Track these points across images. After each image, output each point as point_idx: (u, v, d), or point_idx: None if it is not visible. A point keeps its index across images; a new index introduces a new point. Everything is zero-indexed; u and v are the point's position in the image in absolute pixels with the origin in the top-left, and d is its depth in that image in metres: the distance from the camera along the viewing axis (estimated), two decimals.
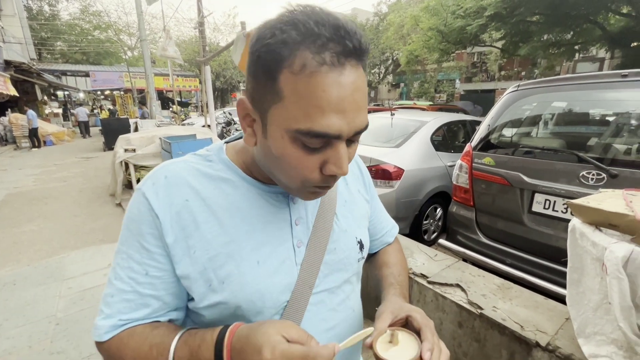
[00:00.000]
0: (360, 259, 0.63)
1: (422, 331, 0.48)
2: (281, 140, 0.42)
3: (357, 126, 0.42)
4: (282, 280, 0.51)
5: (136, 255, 0.48)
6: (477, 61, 22.53)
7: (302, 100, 0.39)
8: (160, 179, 0.50)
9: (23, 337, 2.09)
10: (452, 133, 3.80)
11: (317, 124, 0.39)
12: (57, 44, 25.77)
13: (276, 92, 0.40)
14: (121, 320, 0.48)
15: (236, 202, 0.51)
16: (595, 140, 1.79)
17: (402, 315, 0.52)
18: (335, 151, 0.42)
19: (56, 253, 3.32)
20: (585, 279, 1.15)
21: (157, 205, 0.48)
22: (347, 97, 0.39)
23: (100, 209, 4.73)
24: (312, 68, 0.38)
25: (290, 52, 0.38)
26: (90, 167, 7.72)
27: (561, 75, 2.01)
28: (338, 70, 0.38)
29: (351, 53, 0.39)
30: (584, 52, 12.66)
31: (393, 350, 0.47)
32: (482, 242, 2.15)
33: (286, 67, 0.38)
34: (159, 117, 9.65)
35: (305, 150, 0.42)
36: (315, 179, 0.44)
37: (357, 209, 0.65)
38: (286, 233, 0.53)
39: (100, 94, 24.26)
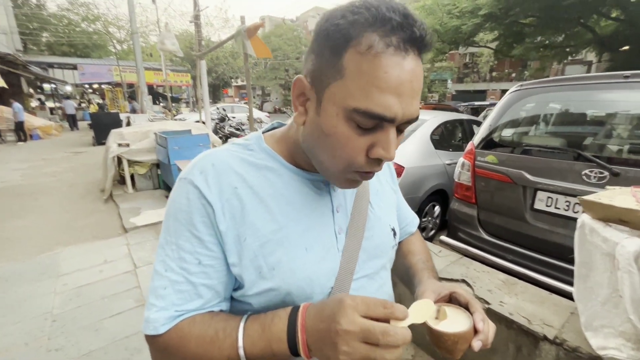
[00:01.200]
0: (394, 245, 0.64)
1: (470, 304, 0.50)
2: (335, 118, 0.43)
3: (410, 113, 0.42)
4: (327, 266, 0.52)
5: (187, 245, 0.48)
6: (469, 62, 22.81)
7: (363, 79, 0.39)
8: (207, 167, 0.49)
9: (19, 334, 2.03)
10: (450, 132, 3.84)
11: (375, 104, 0.40)
12: (43, 35, 25.02)
13: (339, 69, 0.41)
14: (177, 312, 0.47)
15: (281, 190, 0.51)
16: (597, 140, 1.84)
17: (445, 292, 0.53)
18: (386, 135, 0.43)
19: (49, 249, 3.24)
20: (593, 273, 1.18)
21: (209, 193, 0.48)
22: (406, 83, 0.40)
23: (92, 204, 4.62)
24: (378, 49, 0.39)
25: (359, 32, 0.39)
26: (80, 162, 7.54)
27: (550, 77, 2.05)
28: (401, 55, 0.39)
29: (416, 41, 0.40)
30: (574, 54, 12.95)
31: (445, 322, 0.47)
32: (483, 238, 2.18)
33: (353, 46, 0.39)
34: (151, 112, 9.48)
35: (357, 131, 0.42)
36: (360, 162, 0.44)
37: (386, 198, 0.67)
38: (328, 220, 0.54)
39: (88, 87, 23.67)
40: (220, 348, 0.44)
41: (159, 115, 8.99)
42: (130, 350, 1.92)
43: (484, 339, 0.46)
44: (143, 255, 3.09)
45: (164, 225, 0.51)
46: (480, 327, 0.46)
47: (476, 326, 0.46)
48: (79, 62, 20.93)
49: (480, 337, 0.45)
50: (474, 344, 0.45)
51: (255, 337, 0.44)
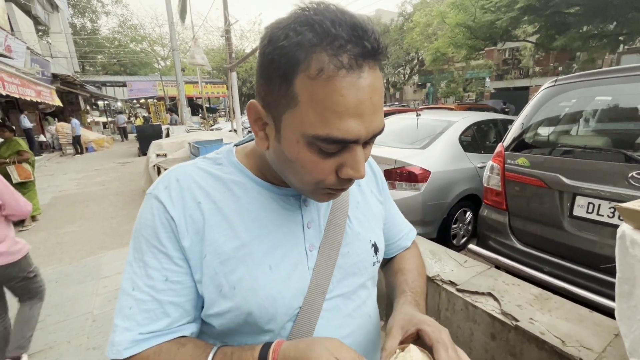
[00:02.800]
0: (375, 262, 0.60)
1: (434, 348, 0.44)
2: (296, 145, 0.41)
3: (374, 129, 0.41)
4: (294, 285, 0.49)
5: (153, 261, 0.47)
6: (509, 58, 21.54)
7: (320, 105, 0.37)
8: (172, 182, 0.49)
9: (63, 332, 2.22)
10: (482, 133, 3.63)
11: (335, 129, 0.38)
12: (98, 57, 27.66)
13: (292, 96, 0.38)
14: (141, 335, 0.45)
15: (247, 205, 0.50)
16: None
17: (412, 329, 0.48)
18: (353, 155, 0.41)
19: (94, 253, 3.52)
20: (638, 291, 1.03)
21: (172, 208, 0.47)
22: (365, 101, 0.38)
23: (135, 211, 4.96)
24: (329, 72, 0.36)
25: (306, 55, 0.36)
26: (126, 172, 8.15)
27: (604, 68, 1.85)
28: (356, 74, 0.37)
29: (369, 54, 0.38)
30: (629, 43, 11.73)
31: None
32: (516, 248, 2.01)
33: (302, 72, 0.37)
34: (189, 123, 10.05)
35: (322, 155, 0.41)
36: (330, 182, 0.43)
37: (370, 211, 0.62)
38: (298, 236, 0.52)
39: (136, 102, 25.69)
40: None
41: (196, 126, 9.50)
42: None
43: None
44: None
45: (131, 243, 0.50)
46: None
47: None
48: (128, 79, 22.83)
49: None
50: None
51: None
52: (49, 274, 3.05)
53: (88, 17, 27.58)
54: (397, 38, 23.20)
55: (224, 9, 5.65)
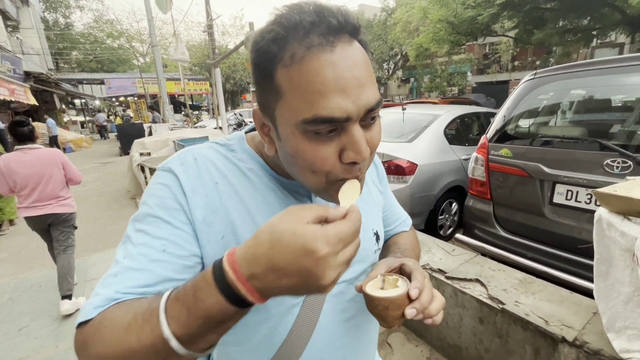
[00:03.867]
0: (377, 250, 0.62)
1: (412, 275, 0.47)
2: (293, 138, 0.41)
3: (365, 103, 0.39)
4: None
5: (154, 230, 0.43)
6: (489, 52, 22.02)
7: (300, 89, 0.38)
8: (189, 160, 0.48)
9: (50, 336, 2.16)
10: (466, 126, 3.72)
11: (321, 108, 0.37)
12: (72, 53, 26.58)
13: (276, 90, 0.39)
14: (118, 293, 0.39)
15: (262, 191, 0.51)
16: (619, 127, 1.71)
17: (395, 264, 0.51)
18: (350, 135, 0.40)
19: (78, 255, 3.41)
20: (614, 270, 1.10)
21: (187, 183, 0.46)
22: (345, 74, 0.37)
23: (119, 211, 4.85)
24: (300, 54, 0.37)
25: (279, 47, 0.38)
26: (108, 172, 7.93)
27: (579, 62, 1.93)
28: (328, 50, 0.37)
29: (338, 29, 0.38)
30: (602, 37, 12.19)
31: (383, 292, 0.46)
32: (501, 235, 2.09)
33: (278, 63, 0.38)
34: (172, 121, 9.83)
35: (319, 141, 0.40)
36: (336, 170, 0.42)
37: (372, 201, 0.64)
38: None
39: (115, 100, 24.89)
40: (141, 335, 0.34)
41: (179, 124, 9.30)
42: None
43: (418, 307, 0.42)
44: None
45: (135, 215, 0.47)
46: (414, 294, 0.43)
47: (410, 293, 0.43)
48: (106, 77, 22.05)
49: (414, 305, 0.42)
50: (407, 311, 0.42)
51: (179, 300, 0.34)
52: (33, 278, 2.96)
53: (60, 12, 26.40)
54: (381, 33, 23.30)
55: (206, 4, 5.54)
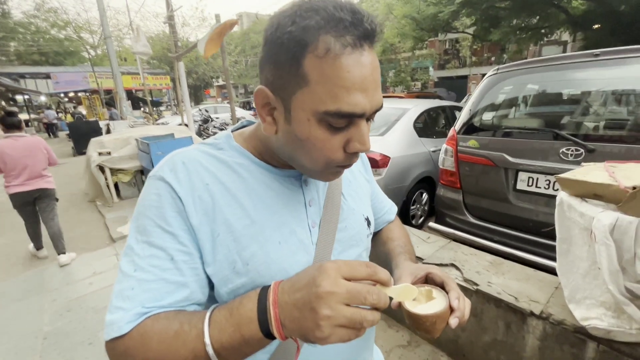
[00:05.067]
0: (369, 234, 0.66)
1: (445, 283, 0.51)
2: (307, 124, 0.43)
3: (377, 104, 0.44)
4: (302, 259, 0.53)
5: (158, 241, 0.45)
6: (449, 48, 22.99)
7: (329, 82, 0.40)
8: (178, 165, 0.49)
9: (9, 354, 1.98)
10: (433, 119, 3.88)
11: (345, 103, 0.41)
12: (11, 44, 24.01)
13: (301, 76, 0.41)
14: (145, 308, 0.43)
15: (253, 185, 0.52)
16: (572, 118, 1.88)
17: (421, 274, 0.55)
18: (358, 129, 0.44)
19: (34, 266, 3.15)
20: (573, 248, 1.22)
21: (180, 189, 0.47)
22: (368, 77, 0.42)
23: (77, 216, 4.51)
24: (336, 51, 0.39)
25: (313, 37, 0.39)
26: (62, 174, 7.31)
27: (528, 58, 2.09)
28: (359, 52, 0.41)
29: (368, 36, 0.41)
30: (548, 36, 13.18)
31: (422, 306, 0.48)
32: (470, 222, 2.22)
33: (311, 52, 0.40)
34: (131, 118, 9.26)
35: (331, 131, 0.44)
36: (339, 159, 0.46)
37: (360, 188, 0.68)
38: (302, 214, 0.55)
39: (64, 96, 22.92)
40: (185, 341, 0.39)
41: (140, 121, 8.79)
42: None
43: (460, 315, 0.47)
44: None
45: (132, 227, 0.48)
46: (456, 305, 0.48)
47: (452, 305, 0.47)
48: (52, 70, 20.18)
49: (456, 314, 0.47)
50: (451, 321, 0.47)
51: (222, 322, 0.40)
52: None
53: None
54: None
55: None
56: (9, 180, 2.95)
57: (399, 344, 1.83)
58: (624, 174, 1.08)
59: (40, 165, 3.06)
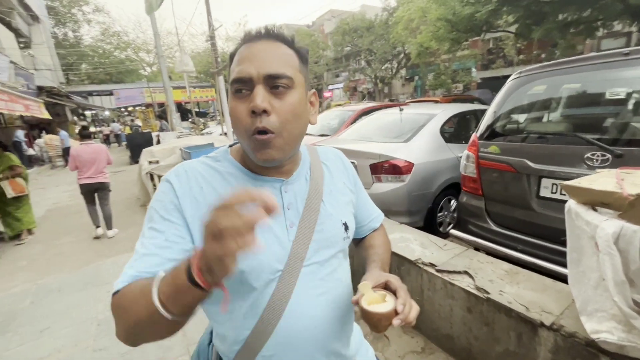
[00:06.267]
0: (346, 237, 0.73)
1: (397, 291, 0.60)
2: (230, 99, 0.61)
3: (266, 70, 0.57)
4: (278, 252, 0.62)
5: (159, 226, 0.59)
6: (494, 47, 21.82)
7: (233, 64, 0.61)
8: (181, 172, 0.64)
9: (69, 337, 2.31)
10: (463, 124, 3.78)
11: (237, 72, 0.58)
12: (82, 66, 27.31)
13: (230, 73, 0.62)
14: (139, 272, 0.54)
15: (237, 188, 0.63)
16: (598, 122, 1.78)
17: (382, 280, 0.64)
18: (254, 93, 0.57)
19: (93, 261, 3.59)
20: (584, 258, 1.18)
21: (179, 188, 0.61)
22: (256, 53, 0.58)
23: (129, 219, 5.03)
24: (240, 47, 0.61)
25: (236, 48, 0.62)
26: (119, 181, 8.15)
27: (585, 54, 2.00)
28: (251, 43, 0.60)
29: (261, 34, 0.60)
30: (608, 28, 12.00)
31: (374, 305, 0.58)
32: (492, 230, 2.16)
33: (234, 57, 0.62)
34: (179, 129, 10.07)
35: (239, 99, 0.58)
36: (247, 123, 0.57)
37: (342, 197, 0.76)
38: (279, 216, 0.65)
39: (124, 110, 25.47)
40: (144, 294, 0.47)
41: (186, 132, 9.52)
42: (164, 349, 2.12)
43: (402, 318, 0.56)
44: None
45: (146, 216, 0.62)
46: (400, 309, 0.56)
47: (397, 309, 0.56)
48: (115, 87, 22.64)
49: (400, 316, 0.56)
50: (394, 322, 0.56)
51: (167, 278, 0.46)
52: (51, 283, 3.13)
53: (69, 27, 27.20)
54: (383, 33, 23.33)
55: (207, 15, 5.72)
56: (80, 174, 4.13)
57: (413, 350, 1.84)
58: (633, 181, 1.04)
59: (102, 165, 4.24)
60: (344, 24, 25.64)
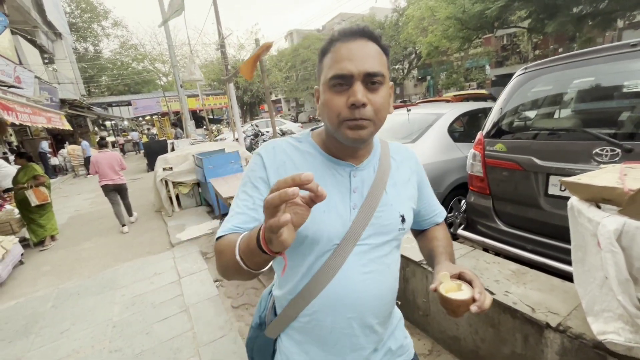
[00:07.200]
0: (401, 229, 0.77)
1: (472, 281, 0.66)
2: (323, 91, 0.67)
3: (365, 69, 0.62)
4: (338, 228, 0.70)
5: (249, 191, 0.71)
6: (507, 44, 21.33)
7: (330, 61, 0.65)
8: (269, 148, 0.74)
9: (87, 338, 2.40)
10: (471, 123, 3.71)
11: (337, 69, 0.63)
12: (102, 78, 28.42)
13: (322, 67, 0.68)
14: (234, 226, 0.67)
15: (315, 167, 0.72)
16: (606, 116, 1.72)
17: (456, 271, 0.69)
18: (353, 89, 0.62)
19: (110, 266, 3.72)
20: (588, 256, 1.14)
21: (267, 161, 0.72)
22: (355, 51, 0.63)
23: (146, 224, 5.18)
24: (334, 44, 0.66)
25: (328, 44, 0.68)
26: (137, 188, 8.42)
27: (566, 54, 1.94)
28: (348, 41, 0.65)
29: (356, 33, 0.65)
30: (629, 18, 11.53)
31: (452, 293, 0.64)
32: (501, 229, 2.11)
33: (328, 52, 0.67)
34: (194, 136, 10.30)
35: (336, 92, 0.64)
36: (345, 114, 0.63)
37: (404, 191, 0.81)
38: (346, 196, 0.72)
39: (141, 119, 26.29)
40: (232, 246, 0.58)
41: (200, 138, 9.73)
42: (174, 350, 2.17)
43: (479, 304, 0.61)
44: (186, 266, 3.43)
45: (241, 181, 0.75)
46: (477, 297, 0.62)
47: (474, 296, 0.62)
48: (132, 98, 23.40)
49: (476, 304, 0.61)
50: (472, 308, 0.61)
51: (245, 237, 0.56)
52: (71, 288, 3.26)
53: (90, 41, 28.40)
54: (393, 34, 23.22)
55: (217, 24, 5.87)
56: (100, 177, 4.91)
57: (420, 352, 1.82)
58: (636, 176, 1.01)
59: (116, 169, 4.98)
60: None
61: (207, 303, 2.68)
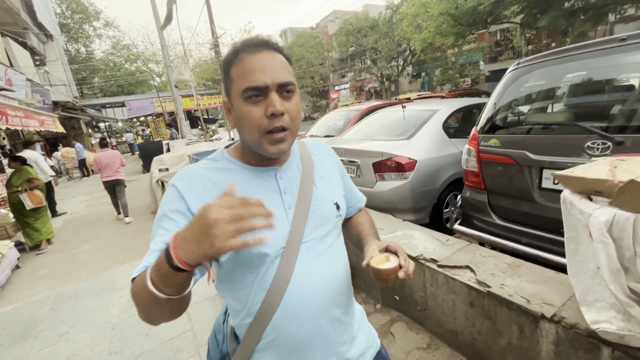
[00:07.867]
0: (338, 216, 0.81)
1: (397, 251, 0.72)
2: (239, 105, 0.66)
3: (279, 80, 0.64)
4: (279, 232, 0.69)
5: (166, 225, 0.66)
6: (501, 39, 21.44)
7: (239, 73, 0.65)
8: (184, 176, 0.71)
9: (86, 341, 2.40)
10: (466, 118, 3.74)
11: (251, 80, 0.63)
12: (94, 80, 28.15)
13: (231, 79, 0.67)
14: (149, 263, 0.61)
15: (238, 180, 0.71)
16: (597, 110, 1.74)
17: (383, 245, 0.75)
18: (270, 99, 0.64)
19: (108, 268, 3.71)
20: (581, 247, 1.16)
21: (183, 190, 0.68)
22: (265, 62, 0.64)
23: (142, 225, 5.17)
24: (241, 56, 0.65)
25: (235, 54, 0.67)
26: (133, 189, 8.36)
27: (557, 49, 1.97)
28: (254, 52, 0.66)
29: (261, 44, 0.66)
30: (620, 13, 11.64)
31: (382, 264, 0.69)
32: (496, 223, 2.14)
33: (233, 64, 0.66)
34: (189, 136, 10.26)
35: (252, 104, 0.64)
36: (265, 125, 0.65)
37: (331, 181, 0.85)
38: (277, 200, 0.72)
39: (136, 120, 26.09)
40: (145, 279, 0.54)
41: (195, 138, 9.70)
42: (174, 351, 2.18)
43: (405, 270, 0.67)
44: None
45: (156, 217, 0.69)
46: (403, 263, 0.68)
47: (400, 263, 0.68)
48: (126, 99, 23.23)
49: (402, 269, 0.67)
50: (399, 274, 0.67)
51: (155, 265, 0.54)
52: (69, 291, 3.25)
53: (81, 42, 28.08)
54: (387, 31, 23.22)
55: (210, 23, 5.84)
56: (102, 174, 5.46)
57: (418, 346, 1.84)
58: (626, 168, 1.03)
59: (116, 166, 5.48)
60: (347, 25, 25.63)
61: (207, 303, 2.68)
